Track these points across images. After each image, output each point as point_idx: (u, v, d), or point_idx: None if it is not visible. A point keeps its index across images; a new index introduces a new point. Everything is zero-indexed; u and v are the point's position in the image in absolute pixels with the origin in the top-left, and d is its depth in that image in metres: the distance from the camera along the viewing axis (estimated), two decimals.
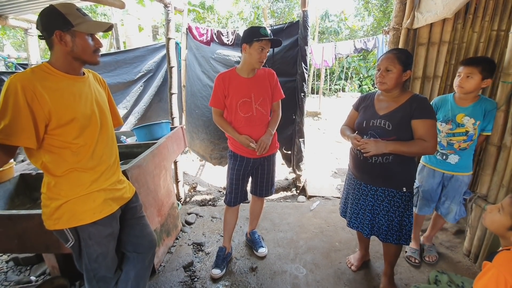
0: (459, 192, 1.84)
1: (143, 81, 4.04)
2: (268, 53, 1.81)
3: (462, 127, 1.72)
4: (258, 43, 1.71)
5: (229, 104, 1.87)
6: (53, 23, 1.06)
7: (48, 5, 1.08)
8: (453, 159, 1.79)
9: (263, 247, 2.21)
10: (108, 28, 1.16)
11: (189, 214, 2.82)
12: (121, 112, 4.04)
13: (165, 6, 2.73)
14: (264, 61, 1.78)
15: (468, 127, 1.70)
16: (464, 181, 1.81)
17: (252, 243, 2.26)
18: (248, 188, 2.15)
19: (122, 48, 7.61)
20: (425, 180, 1.92)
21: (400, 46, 2.37)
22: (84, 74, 1.24)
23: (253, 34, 1.72)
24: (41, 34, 1.11)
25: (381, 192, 1.61)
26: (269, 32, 1.74)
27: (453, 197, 1.86)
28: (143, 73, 4.01)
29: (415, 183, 1.66)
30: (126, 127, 4.11)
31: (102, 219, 1.20)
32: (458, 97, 1.77)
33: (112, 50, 7.71)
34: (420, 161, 2.00)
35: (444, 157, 1.81)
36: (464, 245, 2.16)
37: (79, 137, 1.14)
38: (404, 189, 1.57)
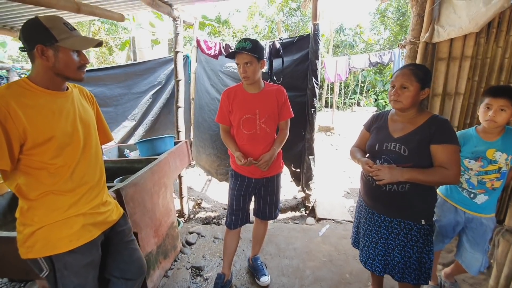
0: (484, 239, 1.60)
1: (152, 93, 4.05)
2: (274, 65, 1.68)
3: (494, 164, 1.50)
4: (235, 60, 1.65)
5: (233, 120, 1.78)
6: (35, 37, 1.00)
7: (33, 17, 1.02)
8: (480, 199, 1.56)
9: (265, 275, 2.03)
10: (96, 44, 1.09)
11: (190, 233, 2.69)
12: (130, 123, 4.05)
13: (174, 19, 2.72)
14: (248, 75, 1.64)
15: (501, 163, 1.49)
16: (490, 226, 1.57)
17: (254, 270, 2.09)
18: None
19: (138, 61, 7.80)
20: (444, 215, 1.69)
21: (417, 61, 2.22)
22: (67, 89, 1.16)
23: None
24: (22, 46, 1.05)
25: (396, 224, 1.42)
26: (243, 44, 1.60)
27: (477, 245, 1.61)
28: (152, 85, 4.02)
29: None
30: (135, 138, 4.11)
31: (80, 246, 1.09)
32: (483, 131, 1.55)
33: (129, 62, 7.89)
34: (439, 192, 1.77)
35: (472, 195, 1.58)
36: (489, 283, 1.90)
37: (58, 157, 1.05)
38: (423, 222, 1.38)
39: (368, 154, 1.56)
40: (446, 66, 2.16)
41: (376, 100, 15.08)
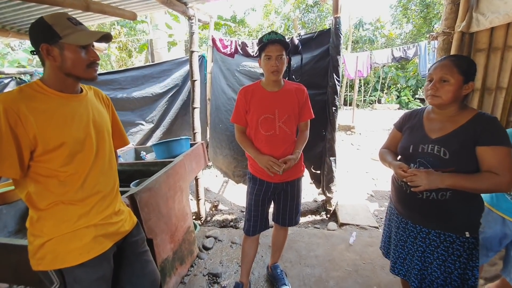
0: None
1: (169, 95, 4.02)
2: (292, 62, 1.58)
3: None
4: (263, 52, 1.54)
5: (250, 120, 1.67)
6: (39, 36, 0.94)
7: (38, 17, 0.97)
8: None
9: (286, 285, 1.92)
10: (102, 37, 1.01)
11: (207, 237, 2.62)
12: (148, 126, 4.04)
13: (189, 18, 2.66)
14: (279, 69, 1.54)
15: None
16: None
17: (274, 279, 1.98)
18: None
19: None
20: (489, 226, 1.48)
21: (452, 52, 2.01)
22: (82, 91, 1.10)
23: (258, 45, 1.57)
24: (33, 50, 1.00)
25: (435, 235, 1.26)
26: (275, 36, 1.51)
27: None
28: (169, 87, 4.00)
29: None
30: (153, 140, 4.11)
31: (90, 260, 1.02)
32: None
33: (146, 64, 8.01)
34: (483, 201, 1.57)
35: None
36: None
37: (69, 164, 0.99)
38: (467, 234, 1.21)
39: (400, 157, 1.41)
40: (486, 58, 1.94)
41: (398, 97, 14.49)
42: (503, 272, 1.54)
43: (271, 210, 1.87)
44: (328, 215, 3.09)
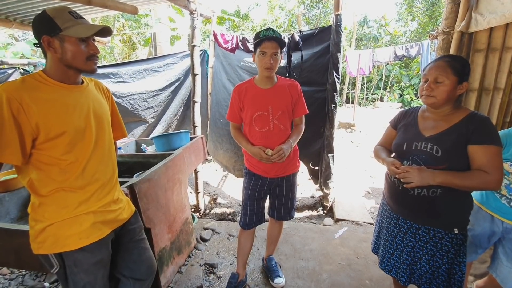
0: None
1: (171, 89, 4.03)
2: (292, 59, 1.59)
3: None
4: (258, 48, 1.54)
5: (245, 117, 1.70)
6: (41, 28, 0.98)
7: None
8: None
9: (280, 277, 1.96)
10: (101, 30, 1.03)
11: (205, 229, 2.67)
12: (149, 121, 4.05)
13: (191, 13, 2.67)
14: (273, 66, 1.55)
15: None
16: None
17: (268, 271, 2.03)
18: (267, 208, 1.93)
19: None
20: (478, 224, 1.51)
21: (451, 52, 2.02)
22: (83, 82, 1.14)
23: (255, 40, 1.58)
24: (36, 42, 1.03)
25: (424, 231, 1.30)
26: (272, 33, 1.52)
27: None
28: (171, 80, 4.00)
29: None
30: (154, 135, 4.13)
31: (89, 245, 1.07)
32: None
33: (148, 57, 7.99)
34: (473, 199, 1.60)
35: None
36: None
37: (69, 153, 1.03)
38: (456, 231, 1.25)
39: (394, 154, 1.43)
40: (484, 58, 1.95)
41: (401, 95, 14.41)
42: (490, 268, 1.57)
43: (267, 204, 1.91)
44: (325, 211, 3.13)
